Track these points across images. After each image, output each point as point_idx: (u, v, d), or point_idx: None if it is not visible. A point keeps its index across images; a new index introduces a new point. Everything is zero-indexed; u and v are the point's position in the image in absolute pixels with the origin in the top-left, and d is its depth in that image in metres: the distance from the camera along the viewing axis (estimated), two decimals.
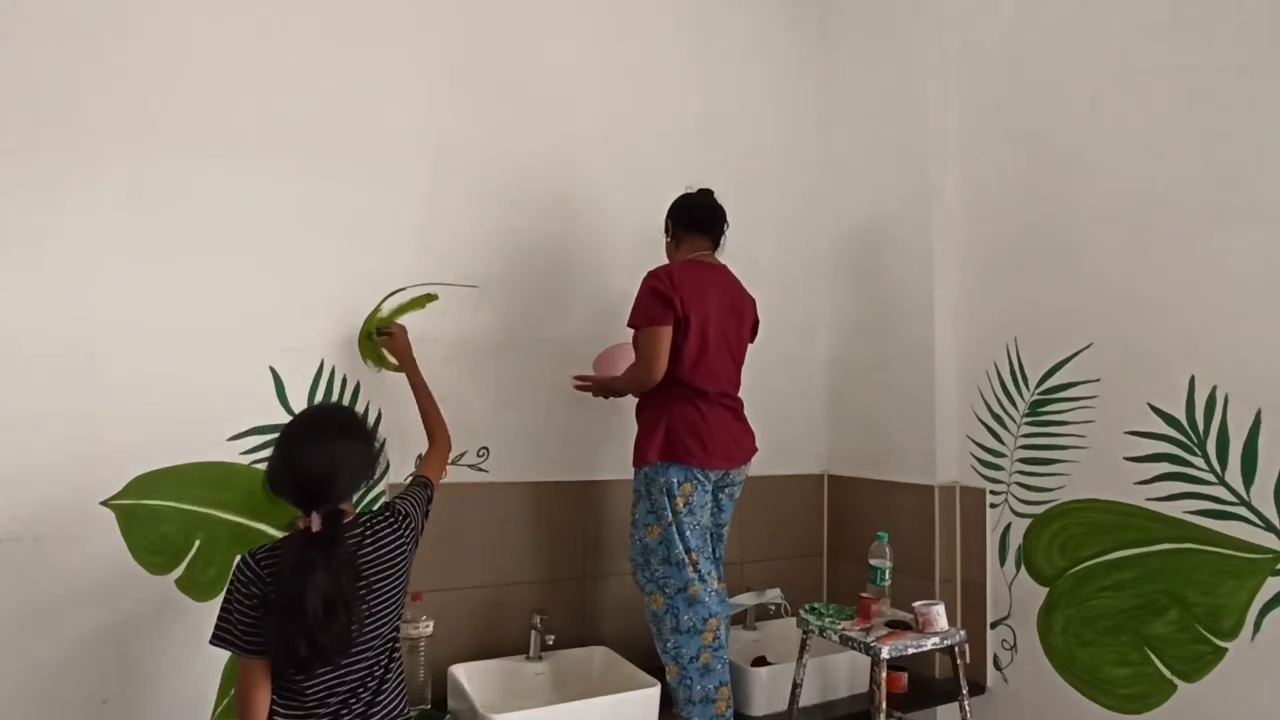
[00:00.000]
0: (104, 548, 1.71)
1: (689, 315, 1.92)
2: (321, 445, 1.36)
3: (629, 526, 2.02)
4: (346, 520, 1.39)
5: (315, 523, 1.31)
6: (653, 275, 1.96)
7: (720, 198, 2.07)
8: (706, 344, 1.95)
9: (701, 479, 1.94)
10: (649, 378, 1.93)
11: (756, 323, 2.15)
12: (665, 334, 1.91)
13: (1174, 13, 1.89)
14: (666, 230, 2.12)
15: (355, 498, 1.48)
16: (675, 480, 1.92)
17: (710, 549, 2.02)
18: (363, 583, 1.36)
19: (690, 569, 1.90)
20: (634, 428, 2.03)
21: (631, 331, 1.99)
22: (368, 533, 1.41)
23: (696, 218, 2.07)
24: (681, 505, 1.91)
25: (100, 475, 1.72)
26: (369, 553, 1.39)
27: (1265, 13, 1.74)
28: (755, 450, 2.09)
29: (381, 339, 1.99)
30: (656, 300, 1.91)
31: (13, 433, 1.64)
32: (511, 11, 2.27)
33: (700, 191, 2.11)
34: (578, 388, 2.12)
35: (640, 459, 1.97)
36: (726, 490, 2.05)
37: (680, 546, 1.90)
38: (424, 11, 2.13)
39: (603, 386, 2.09)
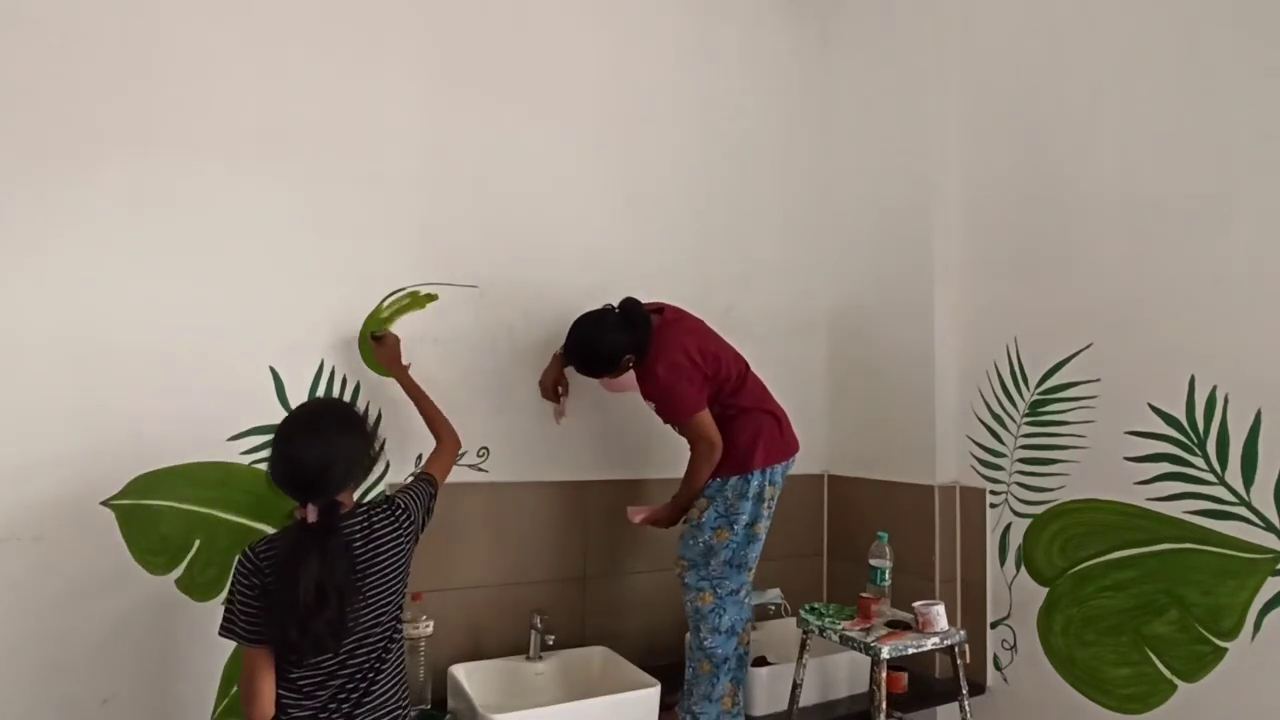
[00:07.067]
0: (104, 548, 1.71)
1: (718, 366, 1.98)
2: (316, 437, 1.39)
3: (685, 525, 2.01)
4: (344, 511, 1.41)
5: (311, 514, 1.34)
6: (670, 367, 1.93)
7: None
8: (737, 371, 2.02)
9: (779, 480, 2.00)
10: (719, 453, 1.96)
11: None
12: (708, 411, 1.96)
13: (1174, 12, 1.89)
14: (618, 365, 2.00)
15: (357, 493, 1.50)
16: (767, 482, 1.96)
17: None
18: (358, 573, 1.38)
19: (749, 573, 1.96)
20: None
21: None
22: (365, 524, 1.43)
23: (643, 320, 2.00)
24: (765, 510, 1.97)
25: (100, 475, 1.72)
26: (366, 544, 1.41)
27: (1266, 11, 1.74)
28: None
29: (372, 343, 1.98)
30: (690, 385, 1.94)
31: (13, 432, 1.64)
32: (511, 12, 2.26)
33: (606, 310, 2.04)
34: (642, 522, 2.08)
35: (742, 466, 1.95)
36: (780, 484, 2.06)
37: (753, 553, 1.96)
38: (423, 12, 2.13)
39: (677, 509, 2.04)
